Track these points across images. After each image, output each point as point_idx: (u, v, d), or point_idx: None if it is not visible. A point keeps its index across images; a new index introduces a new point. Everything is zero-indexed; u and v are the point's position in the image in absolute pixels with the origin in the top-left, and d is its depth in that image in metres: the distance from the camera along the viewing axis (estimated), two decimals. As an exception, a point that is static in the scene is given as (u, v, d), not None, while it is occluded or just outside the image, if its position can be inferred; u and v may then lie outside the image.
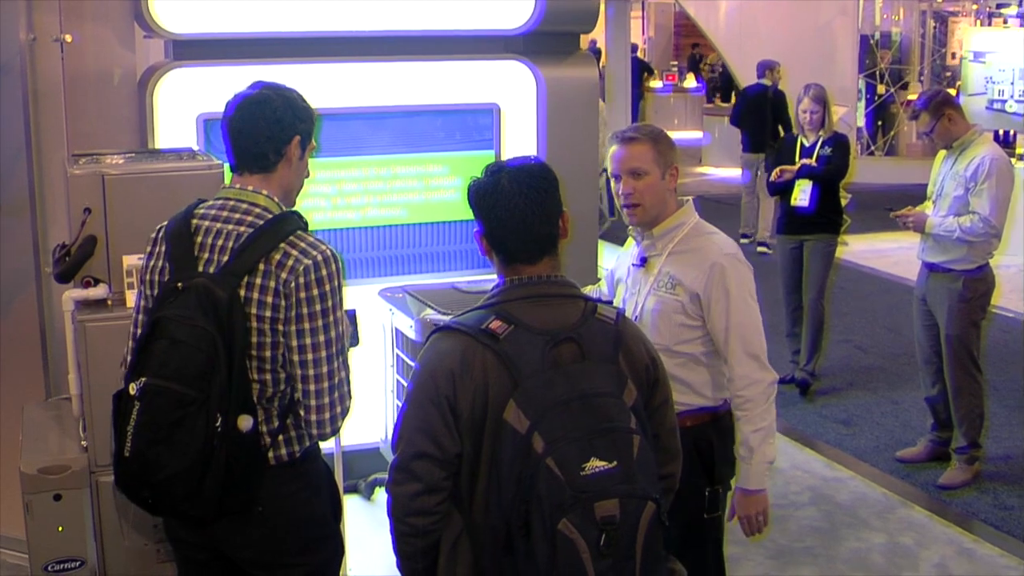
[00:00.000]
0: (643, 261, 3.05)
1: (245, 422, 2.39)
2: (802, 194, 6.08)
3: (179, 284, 2.42)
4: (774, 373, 3.04)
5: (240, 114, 2.52)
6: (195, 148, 3.85)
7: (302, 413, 2.49)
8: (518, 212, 2.20)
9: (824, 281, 6.24)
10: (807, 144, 6.16)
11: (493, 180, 2.23)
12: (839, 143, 6.16)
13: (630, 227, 3.10)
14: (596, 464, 2.02)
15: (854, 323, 7.83)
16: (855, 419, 5.94)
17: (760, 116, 9.85)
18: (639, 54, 20.33)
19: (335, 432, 2.53)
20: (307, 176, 2.65)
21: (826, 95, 6.18)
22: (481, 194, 2.24)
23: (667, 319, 2.96)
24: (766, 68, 10.34)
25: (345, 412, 2.53)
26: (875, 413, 6.03)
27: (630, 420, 2.11)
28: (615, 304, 3.16)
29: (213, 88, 4.00)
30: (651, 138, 2.97)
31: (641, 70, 19.45)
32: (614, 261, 3.26)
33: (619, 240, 3.21)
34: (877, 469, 5.25)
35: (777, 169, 6.18)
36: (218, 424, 2.34)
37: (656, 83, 19.81)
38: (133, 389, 2.37)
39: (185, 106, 4.06)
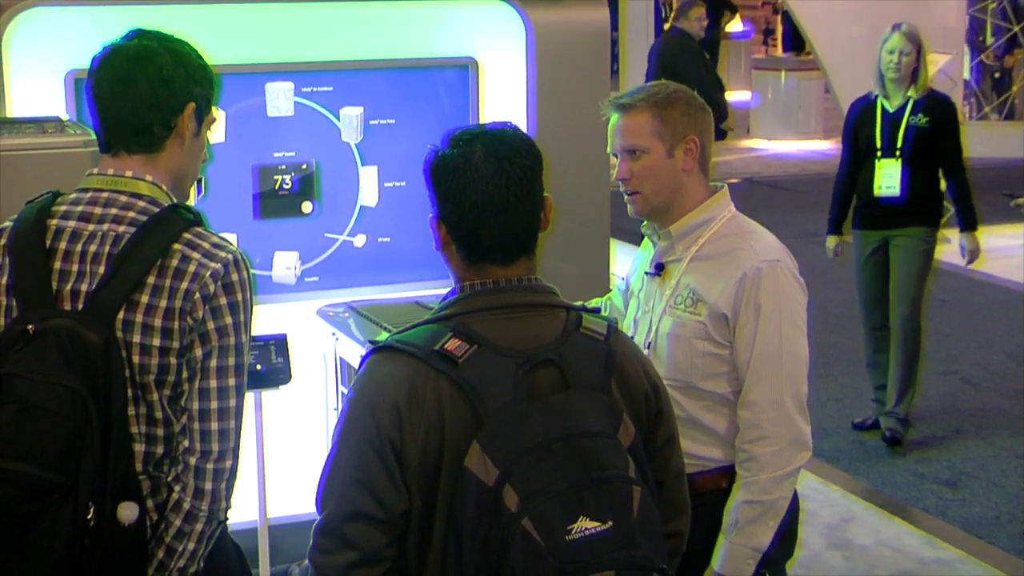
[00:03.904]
0: (659, 269, 3.08)
1: (128, 511, 2.39)
2: (887, 178, 6.14)
3: (30, 327, 2.39)
4: (806, 438, 2.98)
5: (113, 73, 2.51)
6: (63, 117, 3.89)
7: (187, 473, 2.46)
8: (497, 197, 2.25)
9: (919, 291, 6.27)
10: (891, 109, 6.15)
11: (464, 153, 2.27)
12: (939, 108, 6.14)
13: (643, 225, 3.12)
14: (586, 525, 2.07)
15: (960, 348, 7.92)
16: (964, 479, 6.00)
17: None
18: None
19: (227, 508, 2.53)
20: (205, 160, 2.68)
21: (921, 37, 6.20)
22: (448, 170, 2.28)
23: (686, 346, 2.97)
24: None
25: (235, 479, 2.53)
26: (992, 471, 6.09)
27: (628, 466, 2.16)
28: (625, 323, 3.22)
29: (86, 36, 4.03)
30: (652, 104, 2.97)
31: (719, 7, 19.44)
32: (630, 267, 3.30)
33: (636, 238, 3.25)
34: (997, 547, 5.30)
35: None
36: (90, 516, 2.34)
37: (735, 25, 19.76)
38: None
39: (48, 59, 4.09)
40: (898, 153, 6.11)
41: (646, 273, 3.13)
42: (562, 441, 2.11)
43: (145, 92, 2.50)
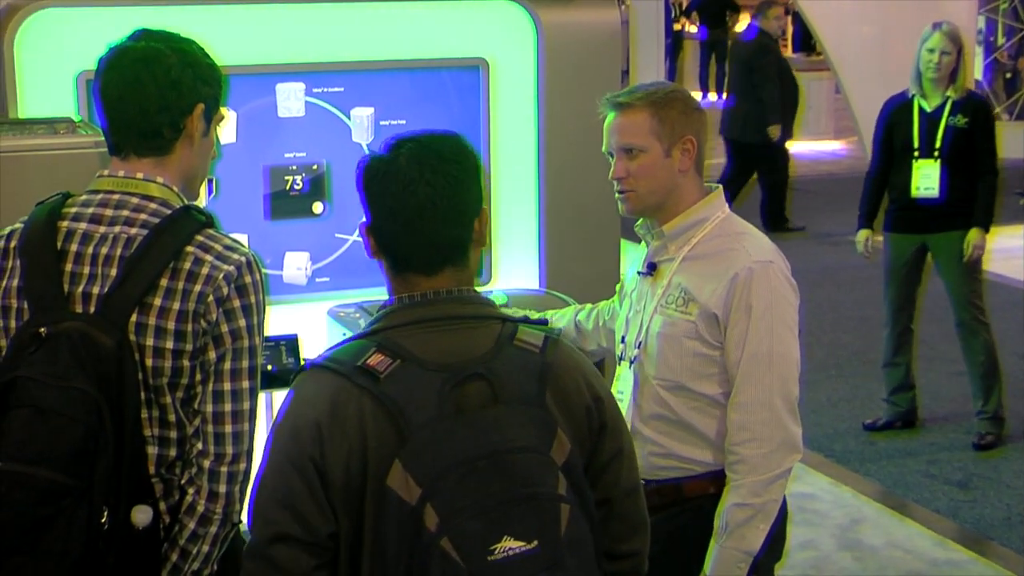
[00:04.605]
0: (651, 268, 3.08)
1: (142, 515, 2.39)
2: (925, 179, 6.09)
3: (42, 330, 2.38)
4: (796, 440, 2.95)
5: (121, 75, 2.51)
6: (75, 118, 3.90)
7: (201, 476, 2.47)
8: (414, 204, 2.20)
9: (977, 291, 6.26)
10: (928, 109, 6.12)
11: (389, 157, 2.24)
12: (977, 109, 6.11)
13: (636, 225, 3.12)
14: (510, 544, 2.00)
15: (972, 349, 7.89)
16: (975, 480, 6.01)
17: None
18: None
19: (241, 510, 2.52)
20: (215, 157, 2.68)
21: (962, 38, 6.15)
22: (370, 175, 2.25)
23: (677, 346, 2.97)
24: None
25: (248, 481, 2.52)
26: (1003, 471, 6.08)
27: (558, 483, 2.09)
28: (618, 322, 3.21)
29: (98, 36, 4.02)
30: (650, 102, 2.98)
31: (724, 7, 19.40)
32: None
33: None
34: (1008, 548, 5.31)
35: None
36: (104, 520, 2.33)
37: (742, 25, 19.77)
38: None
39: (59, 60, 4.08)
40: (936, 154, 6.07)
41: (638, 272, 3.13)
42: (487, 458, 2.05)
43: (154, 95, 2.50)
